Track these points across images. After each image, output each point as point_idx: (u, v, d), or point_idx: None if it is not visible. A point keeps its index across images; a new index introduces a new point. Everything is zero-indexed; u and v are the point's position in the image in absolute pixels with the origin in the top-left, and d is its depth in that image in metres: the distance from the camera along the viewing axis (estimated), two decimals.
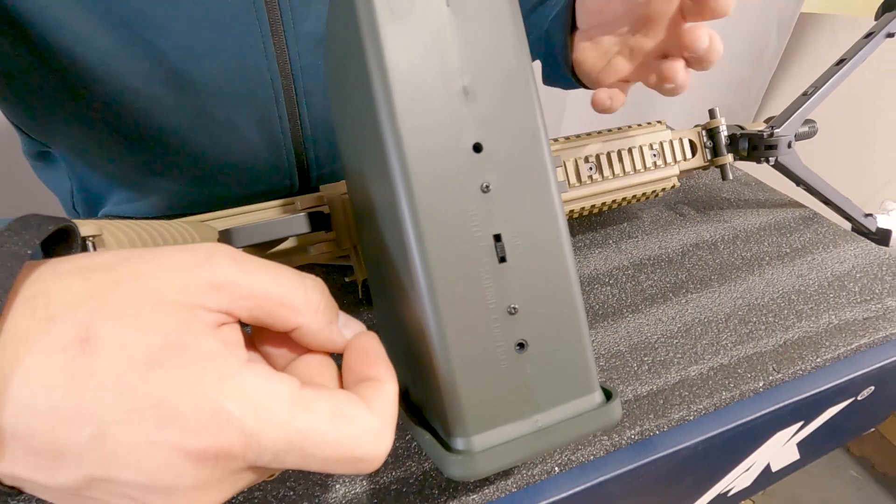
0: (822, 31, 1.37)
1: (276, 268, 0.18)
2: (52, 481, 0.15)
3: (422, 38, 0.20)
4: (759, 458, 0.45)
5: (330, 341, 0.19)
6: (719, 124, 0.49)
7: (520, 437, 0.21)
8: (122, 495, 0.15)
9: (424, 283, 0.20)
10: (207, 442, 0.15)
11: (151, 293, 0.16)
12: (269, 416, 0.15)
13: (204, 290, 0.16)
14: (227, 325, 0.17)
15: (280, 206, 0.35)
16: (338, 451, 0.16)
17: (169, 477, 0.15)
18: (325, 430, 0.16)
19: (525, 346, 0.21)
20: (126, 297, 0.15)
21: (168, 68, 0.38)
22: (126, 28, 0.35)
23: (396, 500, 0.30)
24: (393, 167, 0.19)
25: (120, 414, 0.14)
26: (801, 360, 0.39)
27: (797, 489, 1.18)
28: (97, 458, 0.14)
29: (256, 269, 0.17)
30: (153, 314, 0.15)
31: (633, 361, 0.39)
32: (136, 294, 0.15)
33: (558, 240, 0.21)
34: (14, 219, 0.16)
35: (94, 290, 0.15)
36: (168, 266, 0.16)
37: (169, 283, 0.16)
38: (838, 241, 0.51)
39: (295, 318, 0.18)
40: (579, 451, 0.33)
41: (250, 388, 0.16)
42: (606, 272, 0.47)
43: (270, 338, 0.20)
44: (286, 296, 0.18)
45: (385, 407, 0.18)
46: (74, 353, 0.14)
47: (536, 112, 0.21)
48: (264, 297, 0.17)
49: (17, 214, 0.22)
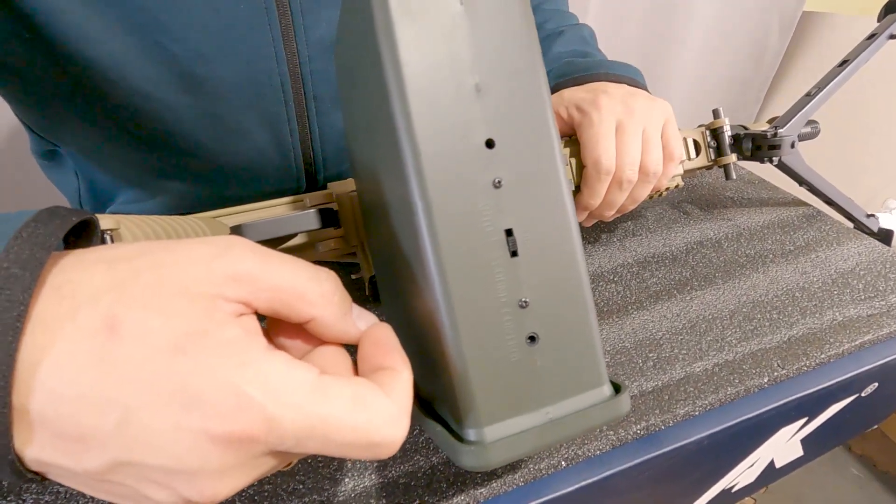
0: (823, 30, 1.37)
1: (293, 261, 0.18)
2: (78, 466, 0.15)
3: (436, 37, 0.20)
4: (764, 453, 0.45)
5: (344, 332, 0.20)
6: (723, 124, 0.49)
7: (530, 428, 0.21)
8: (148, 479, 0.15)
9: (437, 278, 0.20)
10: (231, 426, 0.15)
11: (174, 283, 0.16)
12: (290, 401, 0.16)
13: (224, 281, 0.17)
14: (246, 316, 0.17)
15: (290, 203, 0.36)
16: (357, 436, 0.17)
17: (194, 460, 0.15)
18: (344, 416, 0.17)
19: (536, 339, 0.21)
20: (149, 287, 0.16)
21: (180, 72, 0.38)
22: (140, 33, 0.36)
23: (405, 494, 0.30)
24: (406, 163, 0.20)
25: (146, 399, 0.15)
26: (806, 357, 0.39)
27: (798, 487, 1.18)
28: (123, 443, 0.15)
29: (275, 261, 0.18)
30: (176, 303, 0.16)
31: (639, 357, 0.39)
32: (159, 283, 0.16)
33: (569, 234, 0.22)
34: (40, 210, 0.16)
35: (119, 280, 0.16)
36: (189, 257, 0.17)
37: (190, 274, 0.16)
38: (842, 238, 0.52)
39: (310, 310, 0.18)
40: (585, 446, 0.33)
41: (271, 374, 0.16)
42: (611, 270, 0.47)
43: (286, 329, 0.20)
44: (303, 288, 0.18)
45: (402, 394, 0.18)
46: (101, 340, 0.15)
47: (547, 108, 0.22)
48: (282, 289, 0.18)
49: None
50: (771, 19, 1.31)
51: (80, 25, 0.34)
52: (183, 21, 0.36)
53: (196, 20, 0.37)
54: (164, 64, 0.38)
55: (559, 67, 0.48)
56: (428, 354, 0.23)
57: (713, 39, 1.29)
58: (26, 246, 0.15)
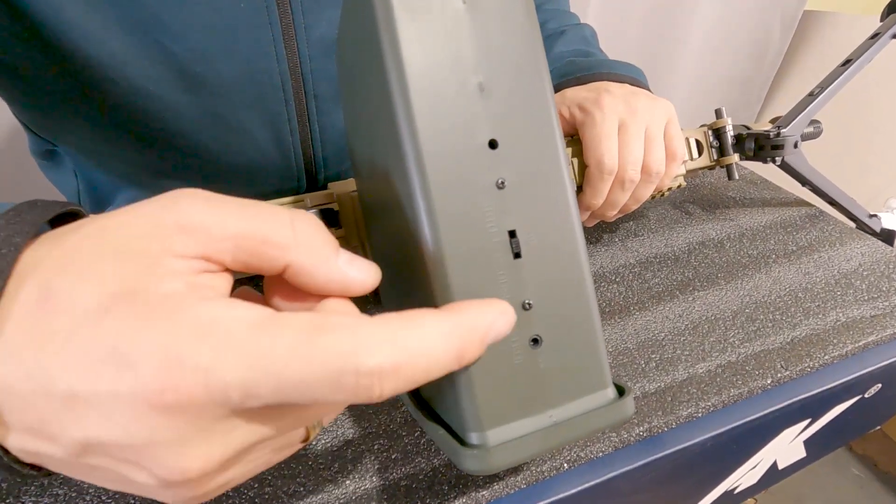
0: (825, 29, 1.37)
1: (257, 204, 0.16)
2: (57, 451, 0.14)
3: (438, 36, 0.20)
4: (766, 455, 0.45)
5: (331, 280, 0.17)
6: (725, 124, 0.49)
7: (534, 431, 0.21)
8: (116, 458, 0.14)
9: (440, 279, 0.20)
10: (163, 384, 0.13)
11: (113, 245, 0.15)
12: (226, 344, 0.14)
13: (171, 234, 0.15)
14: (210, 274, 0.16)
15: (290, 202, 0.36)
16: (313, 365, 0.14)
17: (143, 431, 0.14)
18: (293, 344, 0.14)
19: (539, 341, 0.21)
20: (86, 252, 0.15)
21: (180, 71, 0.38)
22: (140, 31, 0.35)
23: (406, 497, 0.30)
24: (409, 163, 0.20)
25: (81, 369, 0.13)
26: (809, 358, 0.39)
27: (799, 487, 1.18)
28: (75, 421, 0.14)
29: (232, 207, 0.16)
30: (110, 264, 0.14)
31: (641, 359, 0.39)
32: (97, 247, 0.15)
33: (572, 236, 0.22)
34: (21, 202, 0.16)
35: (61, 252, 0.15)
36: (135, 216, 0.15)
37: (133, 232, 0.15)
38: (845, 238, 0.51)
39: (283, 256, 0.16)
40: (588, 448, 0.33)
41: (206, 321, 0.14)
42: (613, 270, 0.47)
43: (279, 290, 0.18)
44: (269, 231, 0.16)
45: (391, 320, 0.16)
46: (36, 313, 0.14)
47: (551, 108, 0.21)
48: (244, 236, 0.16)
49: None
50: (772, 18, 1.31)
51: (80, 23, 0.34)
52: (183, 19, 0.36)
53: (196, 19, 0.36)
54: (164, 62, 0.37)
55: (561, 67, 0.48)
56: None
57: (714, 39, 1.28)
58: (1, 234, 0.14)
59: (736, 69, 1.37)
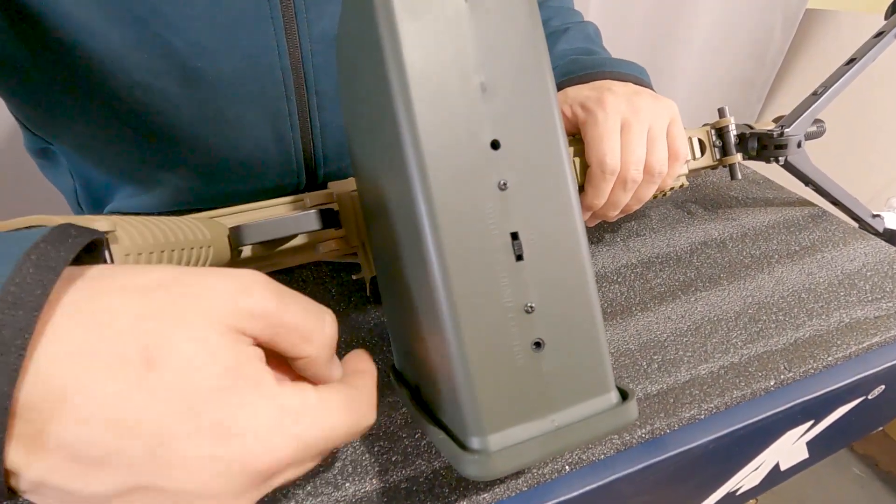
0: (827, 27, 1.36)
1: (305, 301, 0.20)
2: (86, 488, 0.15)
3: (439, 35, 0.19)
4: (769, 457, 0.44)
5: (326, 376, 0.21)
6: (728, 123, 0.49)
7: (536, 436, 0.21)
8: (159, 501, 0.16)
9: (441, 281, 0.20)
10: (270, 456, 0.16)
11: (206, 315, 0.17)
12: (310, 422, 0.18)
13: (245, 317, 0.17)
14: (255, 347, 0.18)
15: (290, 202, 0.35)
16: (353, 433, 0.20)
17: (219, 485, 0.16)
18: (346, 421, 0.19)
19: (541, 344, 0.21)
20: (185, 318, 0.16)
21: (179, 65, 0.37)
22: (139, 24, 0.35)
23: (406, 499, 0.30)
24: (410, 164, 0.19)
25: (185, 428, 0.15)
26: (812, 359, 0.38)
27: (801, 487, 1.18)
28: (153, 468, 0.15)
29: (290, 300, 0.19)
30: (213, 336, 0.17)
31: (643, 360, 0.38)
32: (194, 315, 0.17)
33: (575, 238, 0.21)
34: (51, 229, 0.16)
35: (156, 309, 0.16)
36: (216, 290, 0.17)
37: (219, 307, 0.17)
38: (848, 239, 0.51)
39: (307, 349, 0.19)
40: (590, 450, 0.32)
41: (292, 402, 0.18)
42: (615, 270, 0.47)
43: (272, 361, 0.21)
44: (311, 329, 0.19)
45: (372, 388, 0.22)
46: (140, 369, 0.15)
47: (554, 109, 0.21)
48: (292, 328, 0.19)
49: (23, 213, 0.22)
50: (774, 17, 1.31)
51: (78, 16, 0.34)
52: (184, 12, 0.36)
53: (197, 11, 0.36)
54: (164, 56, 0.37)
55: (564, 65, 0.48)
56: (430, 359, 0.22)
57: (715, 38, 1.28)
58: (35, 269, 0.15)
59: (737, 68, 1.37)
